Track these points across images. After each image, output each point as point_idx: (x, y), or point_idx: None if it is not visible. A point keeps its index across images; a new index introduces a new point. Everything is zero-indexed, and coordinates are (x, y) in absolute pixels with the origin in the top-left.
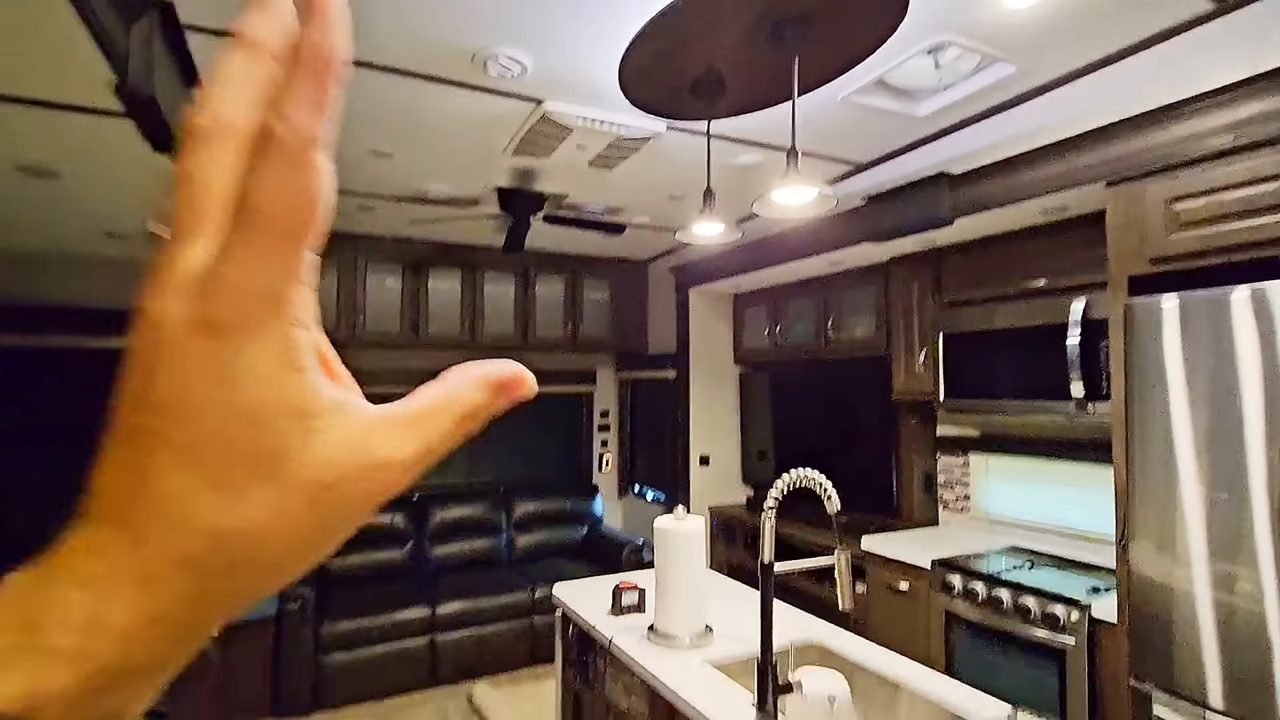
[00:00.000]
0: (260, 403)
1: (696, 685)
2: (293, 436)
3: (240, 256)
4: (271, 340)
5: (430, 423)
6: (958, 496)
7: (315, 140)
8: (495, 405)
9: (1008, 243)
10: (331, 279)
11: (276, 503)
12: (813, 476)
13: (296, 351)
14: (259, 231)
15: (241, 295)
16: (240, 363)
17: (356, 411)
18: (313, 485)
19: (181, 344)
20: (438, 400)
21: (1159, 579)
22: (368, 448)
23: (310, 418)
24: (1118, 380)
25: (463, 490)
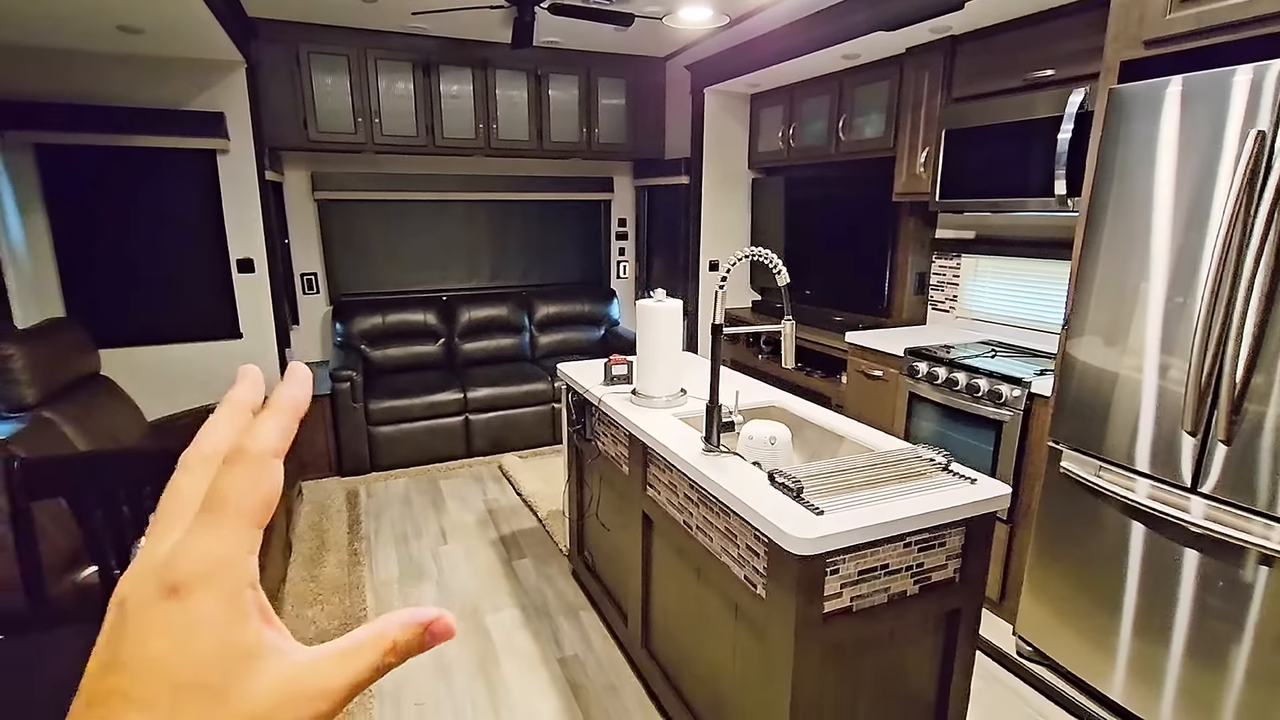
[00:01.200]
0: (212, 648)
1: (664, 431)
2: (237, 676)
3: (205, 532)
4: (225, 596)
5: (360, 657)
6: (946, 297)
7: (278, 454)
8: (421, 643)
9: (1022, 28)
10: (343, 79)
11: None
12: (763, 253)
13: (245, 605)
14: (223, 513)
15: (203, 560)
16: (197, 615)
17: (293, 653)
18: (251, 715)
19: (147, 609)
20: (368, 637)
21: (1088, 359)
22: (302, 682)
23: (254, 659)
24: (1090, 171)
25: (488, 292)
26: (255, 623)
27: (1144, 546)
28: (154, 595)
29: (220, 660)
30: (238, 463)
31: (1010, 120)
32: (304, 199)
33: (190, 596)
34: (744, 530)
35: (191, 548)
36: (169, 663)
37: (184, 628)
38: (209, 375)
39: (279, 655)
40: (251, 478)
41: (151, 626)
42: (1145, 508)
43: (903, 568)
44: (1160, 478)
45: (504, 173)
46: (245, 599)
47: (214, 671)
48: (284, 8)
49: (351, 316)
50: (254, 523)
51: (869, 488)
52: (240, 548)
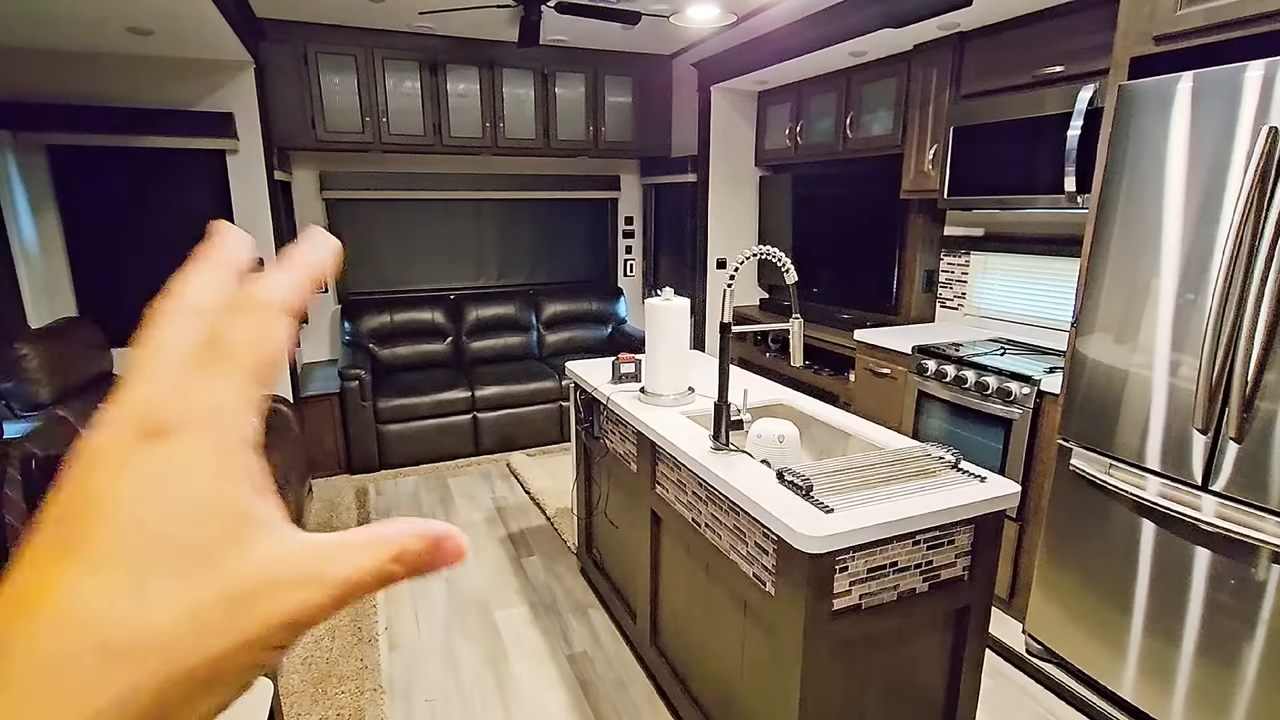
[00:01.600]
0: (197, 500)
1: (673, 429)
2: (224, 540)
3: (199, 375)
4: (219, 446)
5: (360, 553)
6: (955, 294)
7: (288, 309)
8: (426, 558)
9: (1031, 25)
10: (351, 79)
11: (190, 605)
12: (771, 251)
13: (241, 463)
14: (221, 359)
15: (195, 401)
16: (184, 460)
17: (289, 532)
18: (236, 593)
19: (120, 451)
20: (371, 536)
21: (1098, 357)
22: (296, 562)
23: (244, 525)
24: (1099, 167)
25: (495, 291)
26: (252, 487)
27: (1155, 544)
28: (130, 437)
29: (207, 518)
30: (242, 310)
31: (1019, 117)
32: (312, 198)
33: (178, 438)
34: (753, 528)
35: (181, 389)
36: (139, 513)
37: (165, 473)
38: None
39: (275, 530)
40: (257, 326)
41: (121, 470)
42: (1156, 505)
43: (912, 565)
44: (1171, 475)
45: (511, 171)
46: (243, 455)
47: (198, 529)
48: (291, 8)
49: (360, 315)
50: (256, 375)
51: (878, 486)
52: (238, 396)
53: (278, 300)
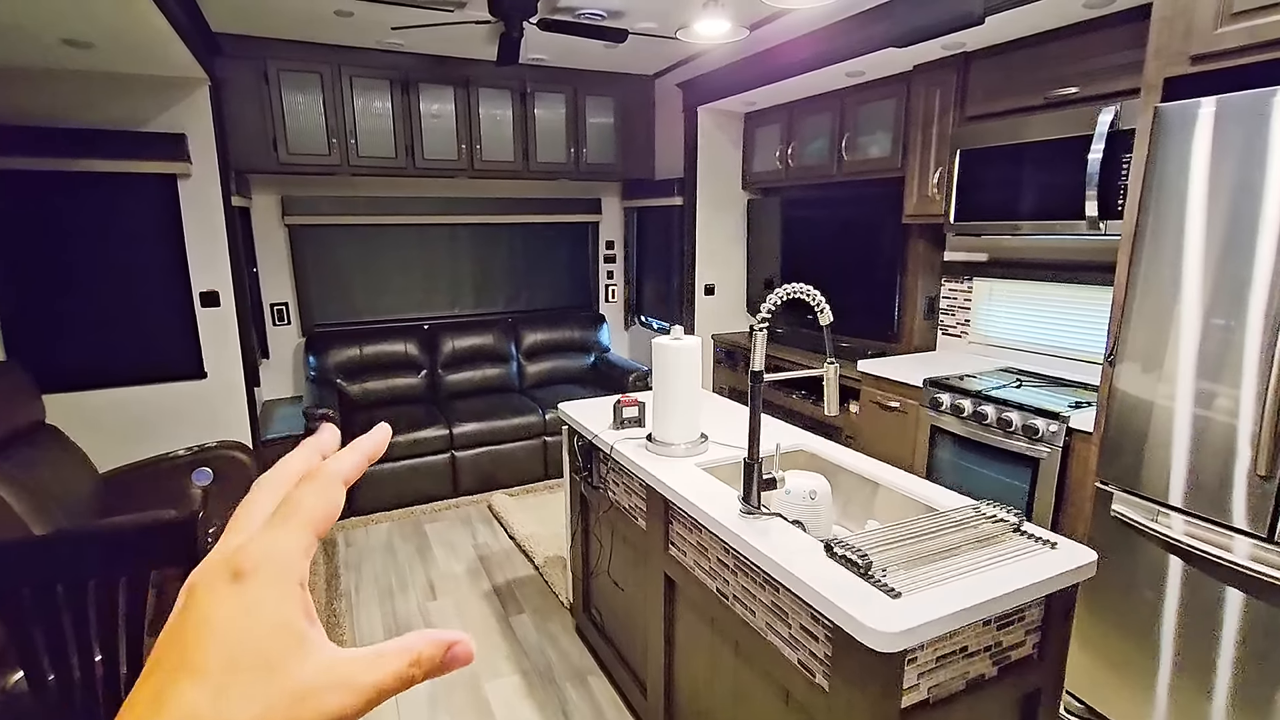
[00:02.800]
0: (267, 627)
1: (689, 484)
2: (287, 654)
3: (273, 530)
4: (281, 585)
5: (388, 663)
6: (958, 322)
7: (346, 480)
8: (442, 662)
9: (1042, 45)
10: (316, 98)
11: (264, 702)
12: (804, 289)
13: (298, 599)
14: (293, 519)
15: (267, 552)
16: (256, 597)
17: (332, 649)
18: (294, 693)
19: (214, 591)
20: (397, 647)
21: (1140, 394)
22: (336, 672)
23: (301, 643)
24: (1134, 193)
25: (472, 320)
26: (306, 615)
27: (1216, 600)
28: (221, 579)
29: (273, 638)
30: (311, 479)
31: (1032, 139)
32: (274, 225)
33: (252, 581)
34: (798, 608)
35: (259, 541)
36: (228, 636)
37: (244, 607)
38: (169, 420)
39: (319, 645)
40: (320, 492)
41: (215, 605)
42: (1219, 559)
43: (981, 649)
44: (1236, 527)
45: (488, 195)
46: (300, 593)
47: (267, 648)
48: (251, 22)
49: (326, 349)
50: (315, 530)
51: (941, 558)
52: (298, 547)
53: (340, 473)
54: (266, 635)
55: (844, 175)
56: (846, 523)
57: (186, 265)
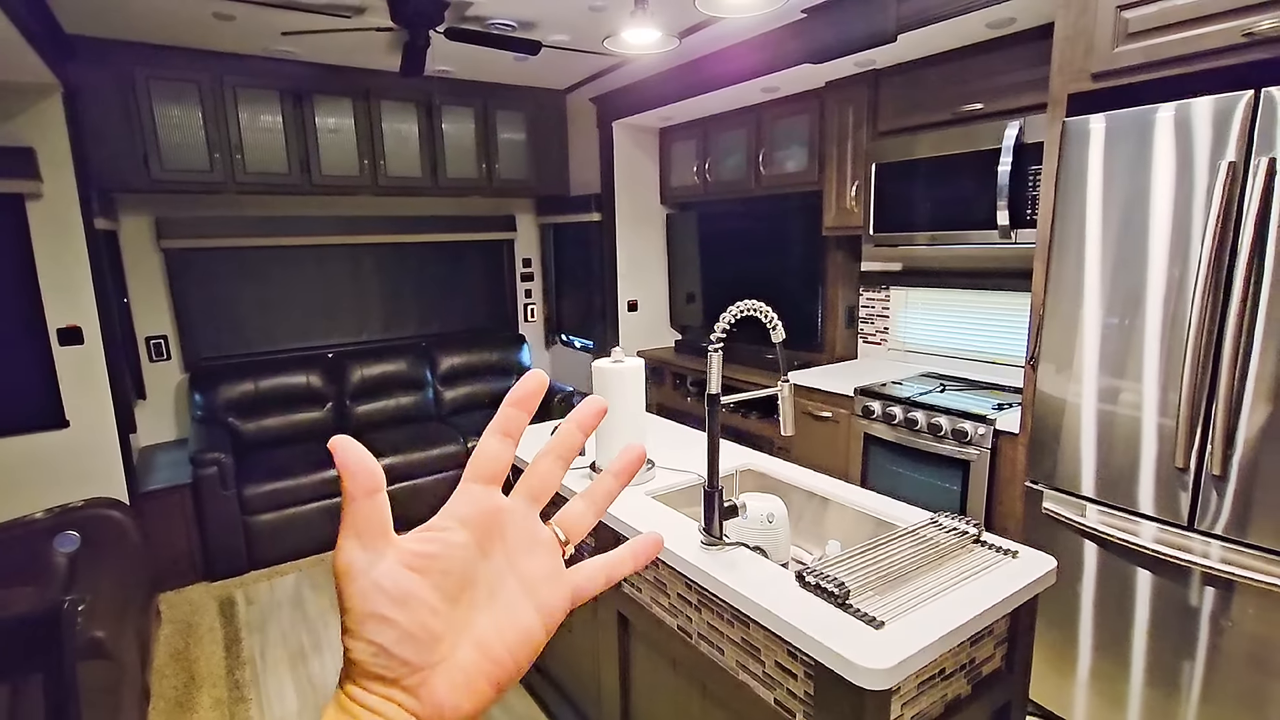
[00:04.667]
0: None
1: (641, 515)
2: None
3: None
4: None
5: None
6: (877, 330)
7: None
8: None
9: (947, 63)
10: (194, 110)
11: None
12: (758, 307)
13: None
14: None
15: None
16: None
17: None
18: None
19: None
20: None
21: (1055, 393)
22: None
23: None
24: (1046, 203)
25: (382, 346)
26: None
27: (1147, 588)
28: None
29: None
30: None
31: (943, 153)
32: (147, 249)
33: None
34: (772, 645)
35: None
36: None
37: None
38: (25, 477)
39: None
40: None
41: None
42: (1144, 549)
43: (957, 668)
44: (1157, 516)
45: (394, 213)
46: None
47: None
48: (112, 24)
49: (215, 385)
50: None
51: (912, 578)
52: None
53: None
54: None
55: (762, 189)
56: (801, 543)
57: (40, 298)
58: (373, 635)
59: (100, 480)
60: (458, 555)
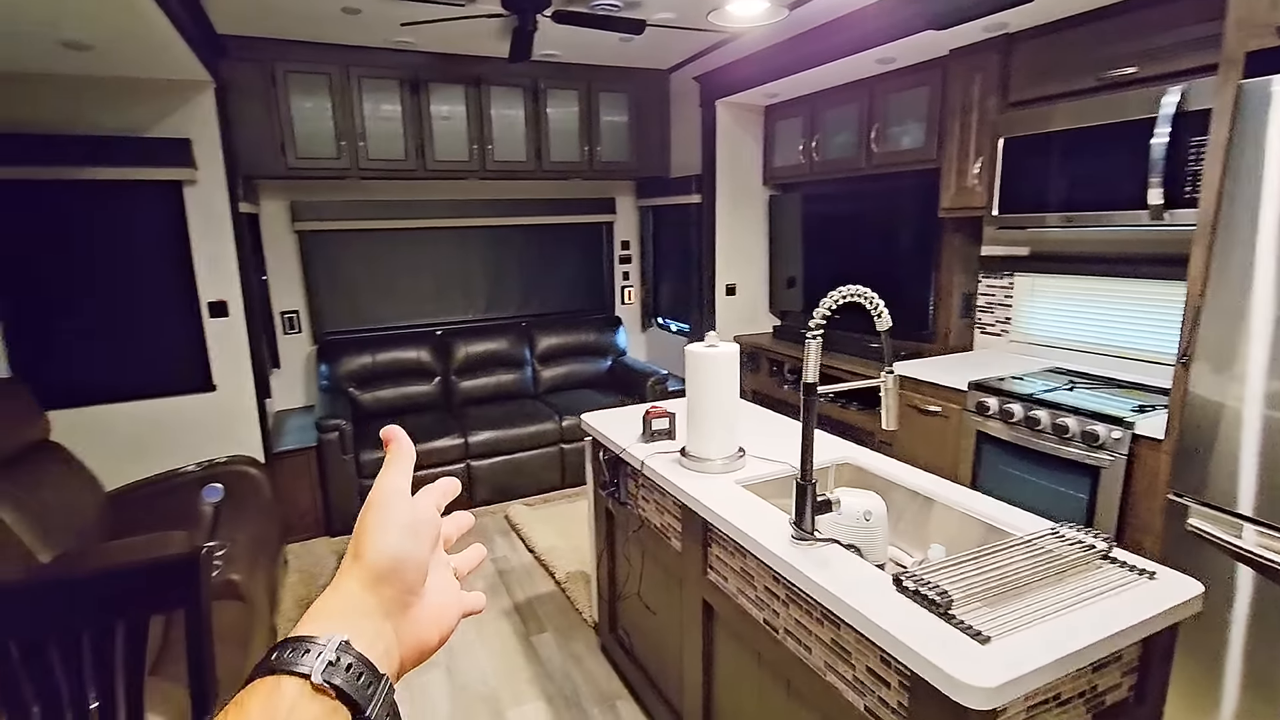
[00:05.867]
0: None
1: (731, 505)
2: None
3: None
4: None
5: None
6: (997, 319)
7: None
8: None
9: (1095, 22)
10: (324, 101)
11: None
12: (862, 292)
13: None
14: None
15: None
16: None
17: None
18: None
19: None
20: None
21: (1213, 396)
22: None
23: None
24: (1211, 178)
25: (484, 325)
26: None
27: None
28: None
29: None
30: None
31: (1085, 124)
32: (283, 231)
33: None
34: (864, 649)
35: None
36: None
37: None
38: (177, 434)
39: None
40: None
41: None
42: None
43: (1075, 695)
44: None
45: (499, 196)
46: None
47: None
48: (257, 23)
49: (338, 357)
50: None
51: (1025, 591)
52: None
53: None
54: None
55: (873, 168)
56: (900, 543)
57: (193, 274)
58: (404, 544)
59: (240, 440)
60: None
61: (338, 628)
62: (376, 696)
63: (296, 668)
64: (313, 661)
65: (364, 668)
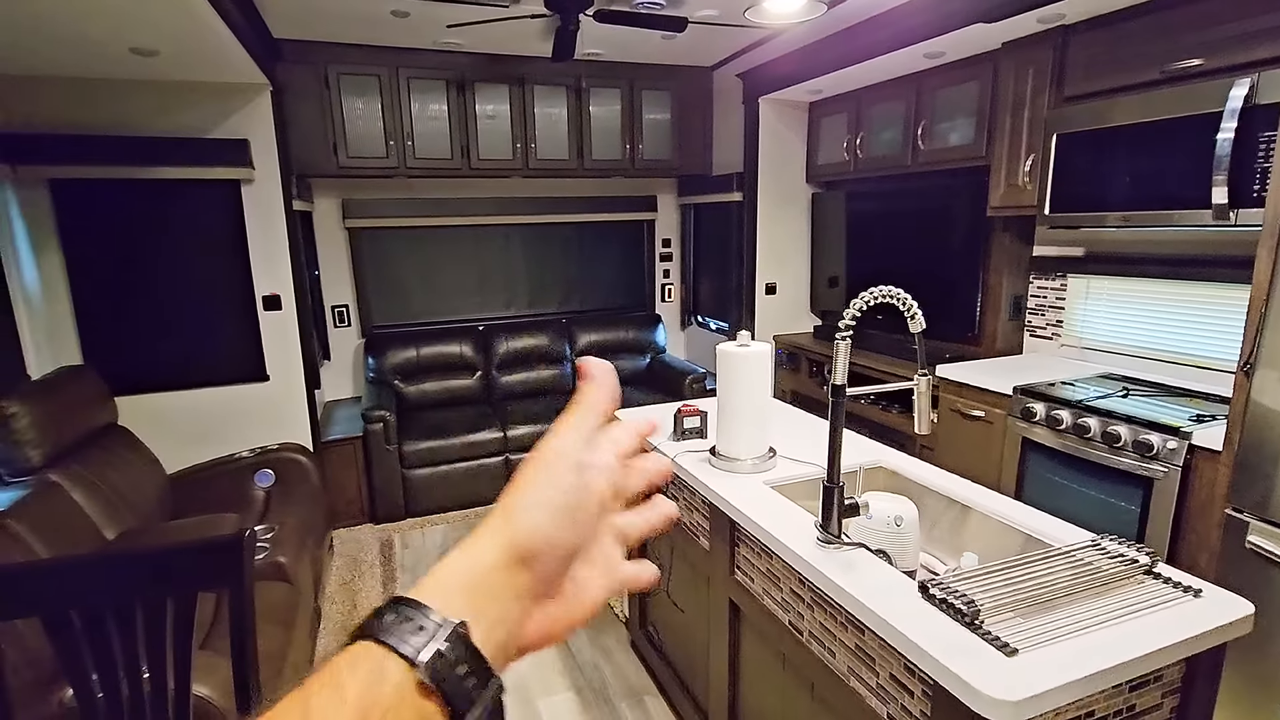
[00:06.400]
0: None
1: (759, 505)
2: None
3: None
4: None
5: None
6: (1048, 323)
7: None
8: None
9: (1156, 13)
10: (374, 101)
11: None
12: (894, 292)
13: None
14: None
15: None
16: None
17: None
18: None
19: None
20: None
21: (1276, 406)
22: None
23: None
24: (1279, 176)
25: (526, 321)
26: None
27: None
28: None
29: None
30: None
31: (1144, 120)
32: (335, 228)
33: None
34: (888, 656)
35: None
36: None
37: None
38: (234, 421)
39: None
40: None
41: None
42: None
43: (1111, 714)
44: None
45: (542, 194)
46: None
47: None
48: (311, 27)
49: (384, 350)
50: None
51: (1059, 604)
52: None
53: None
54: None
55: (919, 165)
56: (934, 550)
57: (250, 269)
58: (561, 526)
59: (291, 428)
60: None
61: (459, 605)
62: (482, 701)
63: (403, 646)
64: (422, 643)
65: (475, 665)
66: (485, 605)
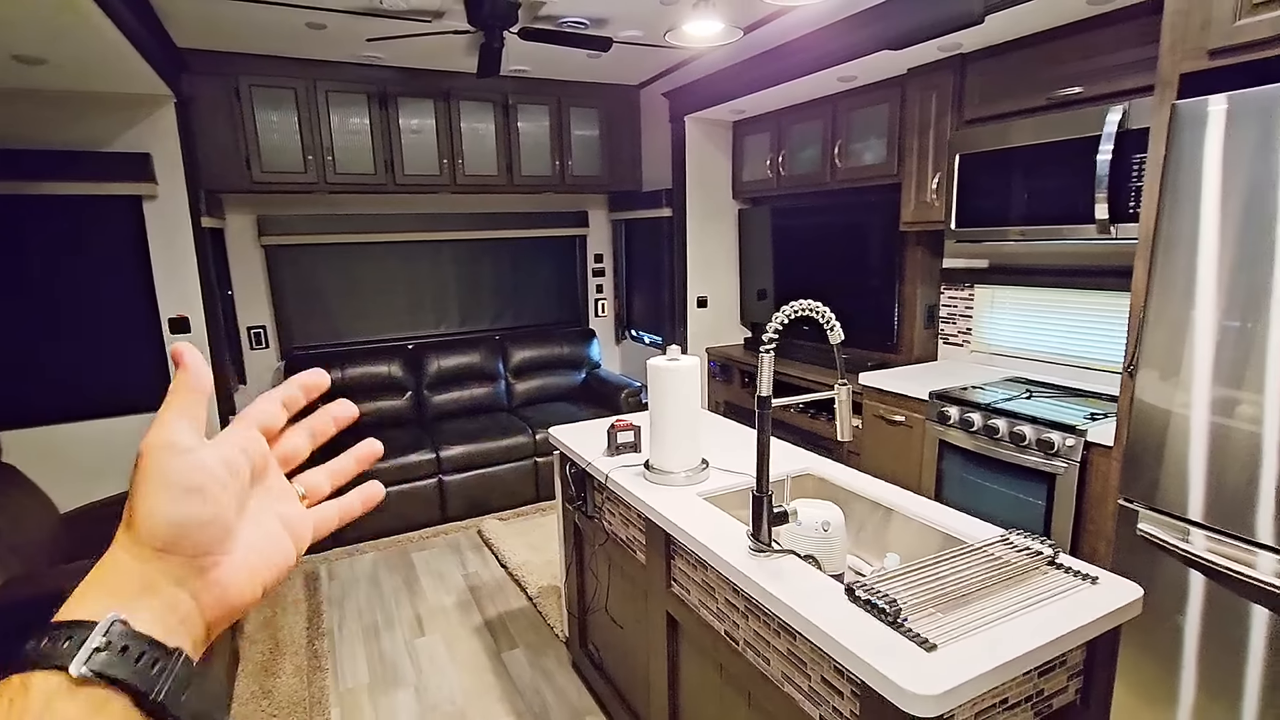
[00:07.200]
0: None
1: (692, 517)
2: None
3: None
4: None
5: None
6: (959, 330)
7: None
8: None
9: (1042, 44)
10: (290, 115)
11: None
12: (814, 306)
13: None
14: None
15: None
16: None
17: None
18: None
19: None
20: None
21: (1158, 404)
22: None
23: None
24: (1150, 195)
25: (458, 339)
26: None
27: (1264, 626)
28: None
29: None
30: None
31: (1035, 142)
32: (249, 245)
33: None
34: (818, 659)
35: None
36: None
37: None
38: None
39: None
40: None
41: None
42: (1262, 583)
43: (1022, 699)
44: (1261, 543)
45: (471, 210)
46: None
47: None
48: (219, 38)
49: None
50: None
51: (973, 599)
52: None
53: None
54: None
55: (837, 183)
56: (861, 552)
57: (154, 290)
58: (184, 510)
59: None
60: (249, 465)
61: (112, 606)
62: (166, 675)
63: (54, 660)
64: (74, 651)
65: (146, 646)
66: (142, 597)
